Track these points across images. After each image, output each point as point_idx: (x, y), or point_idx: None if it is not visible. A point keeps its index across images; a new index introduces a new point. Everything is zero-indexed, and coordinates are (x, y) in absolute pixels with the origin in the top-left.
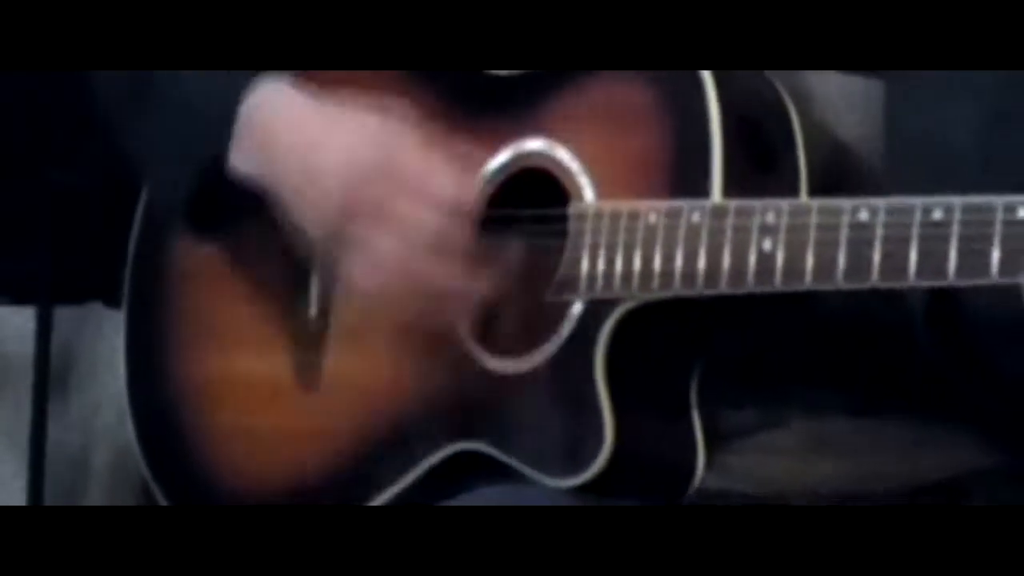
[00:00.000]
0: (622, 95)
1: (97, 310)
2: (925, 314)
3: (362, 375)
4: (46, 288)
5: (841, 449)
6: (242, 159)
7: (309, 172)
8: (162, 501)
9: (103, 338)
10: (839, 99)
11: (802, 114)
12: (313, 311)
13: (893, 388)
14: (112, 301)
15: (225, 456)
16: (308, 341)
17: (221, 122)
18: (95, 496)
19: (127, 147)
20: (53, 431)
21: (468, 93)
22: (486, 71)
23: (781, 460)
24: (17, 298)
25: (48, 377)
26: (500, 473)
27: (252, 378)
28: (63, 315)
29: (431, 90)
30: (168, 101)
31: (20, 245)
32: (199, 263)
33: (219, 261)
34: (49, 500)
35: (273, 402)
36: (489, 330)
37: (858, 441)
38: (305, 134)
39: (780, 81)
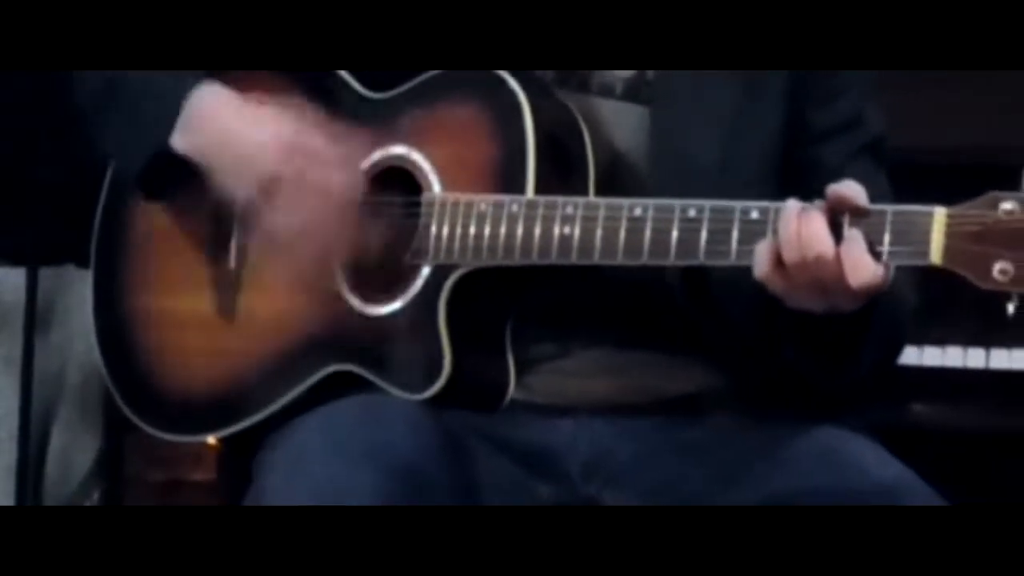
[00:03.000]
0: (463, 115)
1: (71, 270)
2: (681, 276)
3: (266, 312)
4: (33, 253)
5: (612, 371)
6: (184, 141)
7: (237, 152)
8: (121, 404)
9: (75, 290)
10: (616, 122)
11: (591, 133)
12: (232, 263)
13: (651, 327)
14: (82, 263)
15: (165, 370)
16: (227, 285)
17: (169, 114)
18: (69, 405)
19: (98, 131)
20: (38, 358)
21: (349, 108)
22: (364, 93)
23: (568, 380)
24: (12, 261)
25: (35, 318)
26: (366, 388)
27: (185, 312)
28: (46, 273)
29: (322, 105)
30: (130, 97)
31: (15, 223)
32: (146, 227)
33: (162, 225)
34: (35, 408)
35: (200, 330)
36: (361, 283)
37: (624, 365)
38: (235, 124)
39: (575, 107)
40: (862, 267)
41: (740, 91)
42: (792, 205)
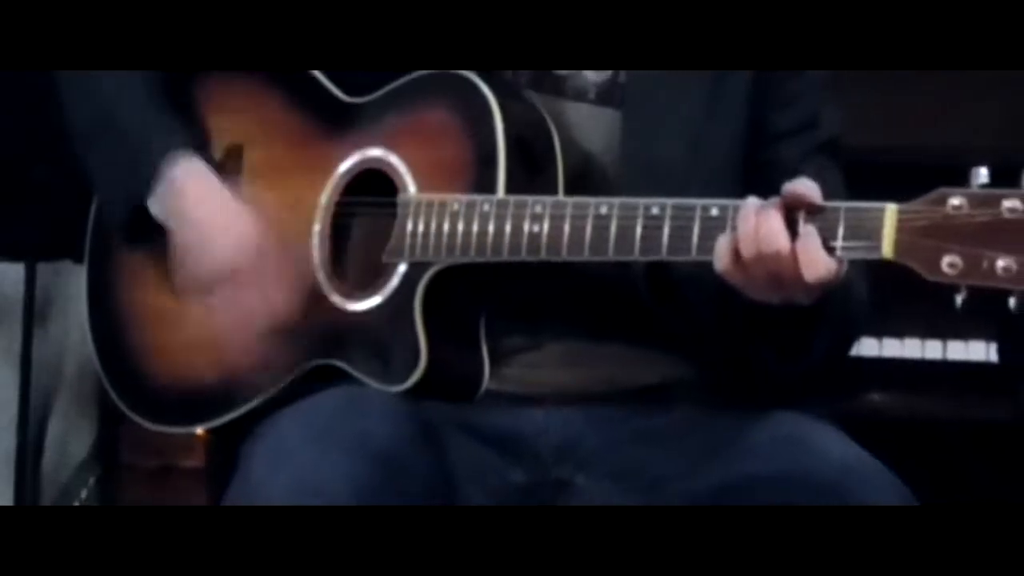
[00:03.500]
0: (436, 118)
1: (68, 265)
2: (645, 272)
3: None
4: (32, 249)
5: (581, 363)
6: (158, 208)
7: (199, 241)
8: (115, 396)
9: (72, 284)
10: (587, 124)
11: (560, 135)
12: None
13: (618, 321)
14: (78, 259)
15: (154, 361)
16: None
17: (148, 173)
18: (66, 395)
19: (84, 164)
20: (36, 348)
21: (329, 113)
22: (343, 98)
23: (540, 371)
24: (12, 256)
25: (33, 311)
26: (347, 381)
27: (174, 309)
28: (44, 268)
29: (306, 113)
30: (117, 141)
31: (14, 220)
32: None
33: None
34: (34, 396)
35: (189, 326)
36: (342, 281)
37: (593, 357)
38: (201, 213)
39: (545, 109)
40: (817, 262)
41: (706, 96)
42: (751, 202)
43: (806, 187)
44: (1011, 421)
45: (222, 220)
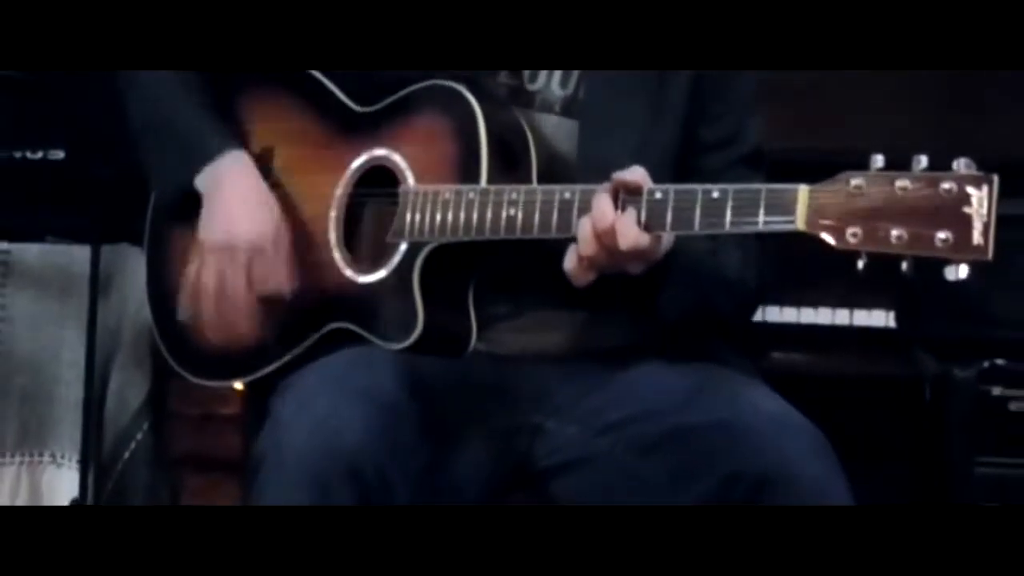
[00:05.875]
0: (431, 123)
1: (126, 247)
2: None
3: None
4: (97, 233)
5: (556, 327)
6: (199, 183)
7: (220, 218)
8: (167, 355)
9: (130, 263)
10: (553, 132)
11: (534, 138)
12: None
13: (587, 291)
14: (135, 241)
15: (199, 326)
16: None
17: (197, 162)
18: (124, 354)
19: (143, 163)
20: (100, 317)
21: (345, 121)
22: (354, 107)
23: (519, 335)
24: (80, 239)
25: (98, 285)
26: (358, 341)
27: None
28: (106, 250)
29: (325, 120)
30: (168, 140)
31: (82, 209)
32: (187, 215)
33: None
34: (98, 356)
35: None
36: (354, 258)
37: (565, 323)
38: (235, 198)
39: (522, 118)
40: (628, 233)
41: (649, 111)
42: (601, 188)
43: (631, 173)
44: (906, 376)
45: (251, 204)
